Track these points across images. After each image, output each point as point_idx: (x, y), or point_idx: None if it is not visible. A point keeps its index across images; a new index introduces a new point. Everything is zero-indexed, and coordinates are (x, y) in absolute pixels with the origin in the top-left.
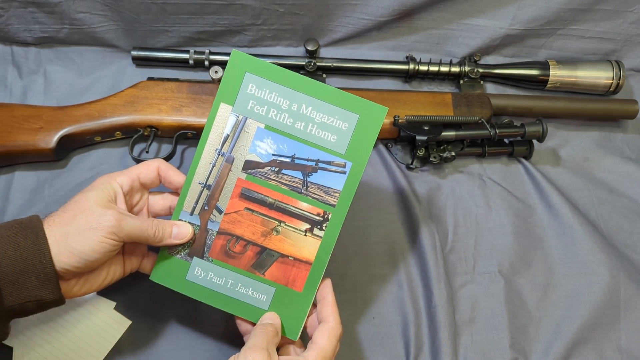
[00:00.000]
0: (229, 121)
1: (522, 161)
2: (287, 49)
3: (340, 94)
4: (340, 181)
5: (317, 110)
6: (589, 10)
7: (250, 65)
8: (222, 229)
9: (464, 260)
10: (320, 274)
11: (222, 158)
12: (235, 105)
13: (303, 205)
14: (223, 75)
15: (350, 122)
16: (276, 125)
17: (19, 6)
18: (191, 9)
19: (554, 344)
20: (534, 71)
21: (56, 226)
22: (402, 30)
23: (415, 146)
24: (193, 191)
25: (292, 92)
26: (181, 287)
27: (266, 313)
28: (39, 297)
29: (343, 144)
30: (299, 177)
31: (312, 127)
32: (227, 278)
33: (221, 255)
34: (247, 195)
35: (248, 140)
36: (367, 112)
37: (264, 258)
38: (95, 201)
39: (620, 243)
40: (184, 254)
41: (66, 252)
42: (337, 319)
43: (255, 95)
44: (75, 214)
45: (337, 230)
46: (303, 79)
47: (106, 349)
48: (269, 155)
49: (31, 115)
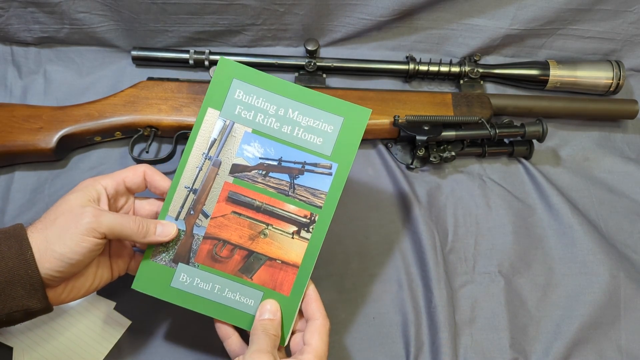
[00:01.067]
0: (217, 126)
1: (522, 161)
2: (287, 49)
3: (325, 98)
4: (326, 182)
5: (303, 114)
6: (589, 10)
7: (237, 72)
8: (209, 234)
9: (464, 260)
10: (307, 277)
11: (209, 162)
12: (223, 110)
13: (290, 208)
14: (210, 81)
15: (335, 125)
16: (263, 130)
17: (19, 6)
18: (191, 9)
19: (554, 344)
20: (534, 71)
21: (38, 232)
22: (402, 30)
23: (415, 146)
24: (179, 195)
25: (278, 97)
26: (165, 295)
27: (266, 302)
28: (26, 307)
29: (329, 146)
30: (286, 179)
31: (299, 131)
32: (214, 283)
33: (208, 260)
34: (234, 198)
35: (235, 144)
36: (352, 114)
37: (252, 262)
38: (75, 202)
39: (620, 243)
40: (168, 260)
41: (48, 257)
42: (323, 313)
43: (242, 100)
44: (55, 217)
45: (324, 233)
46: (289, 85)
47: (106, 349)
48: (256, 158)
49: (31, 115)
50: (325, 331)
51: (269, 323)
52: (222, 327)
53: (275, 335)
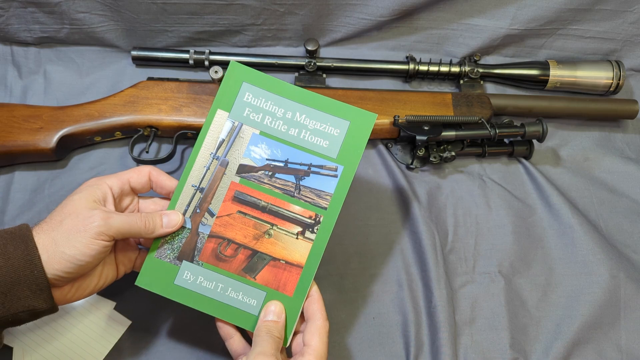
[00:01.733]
0: (225, 127)
1: (522, 161)
2: (287, 49)
3: (332, 102)
4: (332, 184)
5: (310, 117)
6: (589, 10)
7: (247, 75)
8: (214, 232)
9: (464, 260)
10: (311, 278)
11: (217, 161)
12: (232, 112)
13: (295, 208)
14: (221, 84)
15: (341, 129)
16: (271, 132)
17: (19, 6)
18: (191, 9)
19: (554, 344)
20: (534, 71)
21: (44, 233)
22: (402, 30)
23: (415, 146)
24: (185, 193)
25: (286, 101)
26: (169, 292)
27: (270, 303)
28: (31, 307)
29: (335, 148)
30: (292, 180)
31: (305, 134)
32: (217, 282)
33: (212, 258)
34: (240, 198)
35: (243, 145)
36: (358, 118)
37: (255, 262)
38: (81, 203)
39: (620, 243)
40: (173, 257)
41: (57, 258)
42: (323, 314)
43: (251, 103)
44: (62, 218)
45: (328, 234)
46: (297, 89)
47: (106, 349)
48: (263, 159)
49: (31, 115)
50: (325, 332)
51: (273, 325)
52: (223, 326)
53: (279, 338)
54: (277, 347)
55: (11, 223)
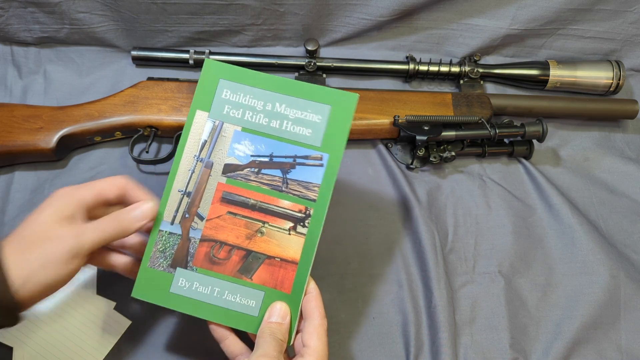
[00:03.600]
0: (206, 127)
1: (522, 161)
2: (287, 49)
3: (310, 87)
4: (318, 174)
5: (290, 106)
6: (589, 10)
7: (223, 72)
8: (205, 236)
9: (464, 260)
10: (307, 273)
11: (201, 164)
12: (211, 111)
13: (285, 204)
14: (197, 83)
15: (323, 114)
16: (252, 127)
17: (19, 6)
18: (191, 9)
19: (554, 344)
20: (534, 71)
21: (16, 254)
22: (402, 30)
23: (415, 146)
24: (173, 200)
25: (265, 92)
26: (165, 302)
27: (276, 303)
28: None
29: (318, 136)
30: (278, 175)
31: (287, 124)
32: (213, 286)
33: (205, 263)
34: (228, 198)
35: (226, 144)
36: (339, 101)
37: (250, 261)
38: (49, 224)
39: (620, 243)
40: (166, 265)
41: (30, 285)
42: (321, 312)
43: (230, 99)
44: (32, 240)
45: (320, 227)
46: (274, 79)
47: (106, 349)
48: (248, 156)
49: (31, 115)
50: (323, 331)
51: (277, 327)
52: (217, 329)
53: (283, 340)
54: (280, 350)
55: (11, 223)
